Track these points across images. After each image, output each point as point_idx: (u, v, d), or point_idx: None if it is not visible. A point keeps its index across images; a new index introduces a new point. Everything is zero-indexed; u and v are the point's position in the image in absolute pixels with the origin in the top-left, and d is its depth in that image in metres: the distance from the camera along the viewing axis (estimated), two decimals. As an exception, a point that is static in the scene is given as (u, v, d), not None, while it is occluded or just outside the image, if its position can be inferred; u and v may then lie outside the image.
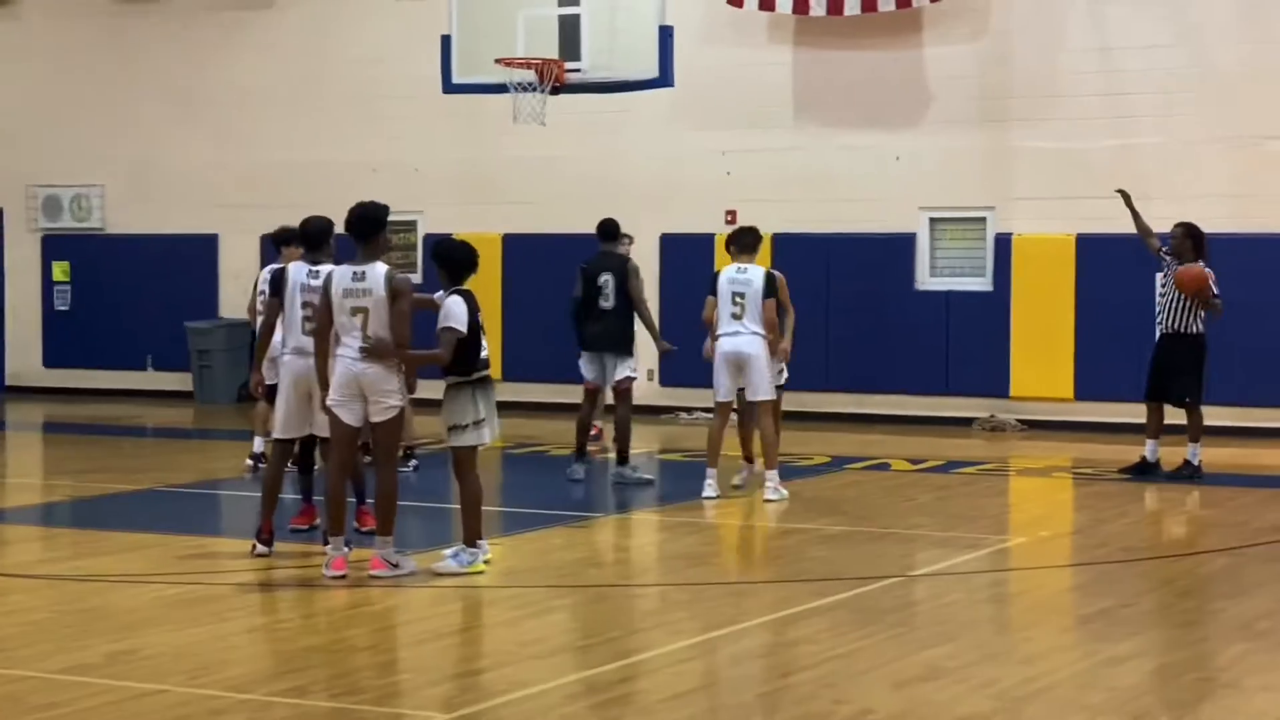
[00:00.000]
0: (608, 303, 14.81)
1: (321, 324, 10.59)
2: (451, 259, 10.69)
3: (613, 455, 15.12)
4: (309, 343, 10.97)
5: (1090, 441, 18.07)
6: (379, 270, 10.43)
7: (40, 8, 23.76)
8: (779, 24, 20.13)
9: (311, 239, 11.42)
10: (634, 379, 15.05)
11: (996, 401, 19.42)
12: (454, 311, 10.40)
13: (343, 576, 10.37)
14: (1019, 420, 19.24)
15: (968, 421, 19.38)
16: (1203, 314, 15.12)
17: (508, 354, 21.16)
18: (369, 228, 10.56)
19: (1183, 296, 15.02)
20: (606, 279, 14.83)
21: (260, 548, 11.13)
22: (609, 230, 15.13)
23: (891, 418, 19.68)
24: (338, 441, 10.54)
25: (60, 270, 23.77)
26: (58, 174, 23.61)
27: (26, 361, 23.87)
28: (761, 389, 13.65)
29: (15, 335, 23.98)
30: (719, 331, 13.72)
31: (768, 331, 13.66)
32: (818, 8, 19.61)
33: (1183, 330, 15.13)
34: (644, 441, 18.37)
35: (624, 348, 14.93)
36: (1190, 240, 15.19)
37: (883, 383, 19.87)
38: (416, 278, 21.69)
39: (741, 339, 13.61)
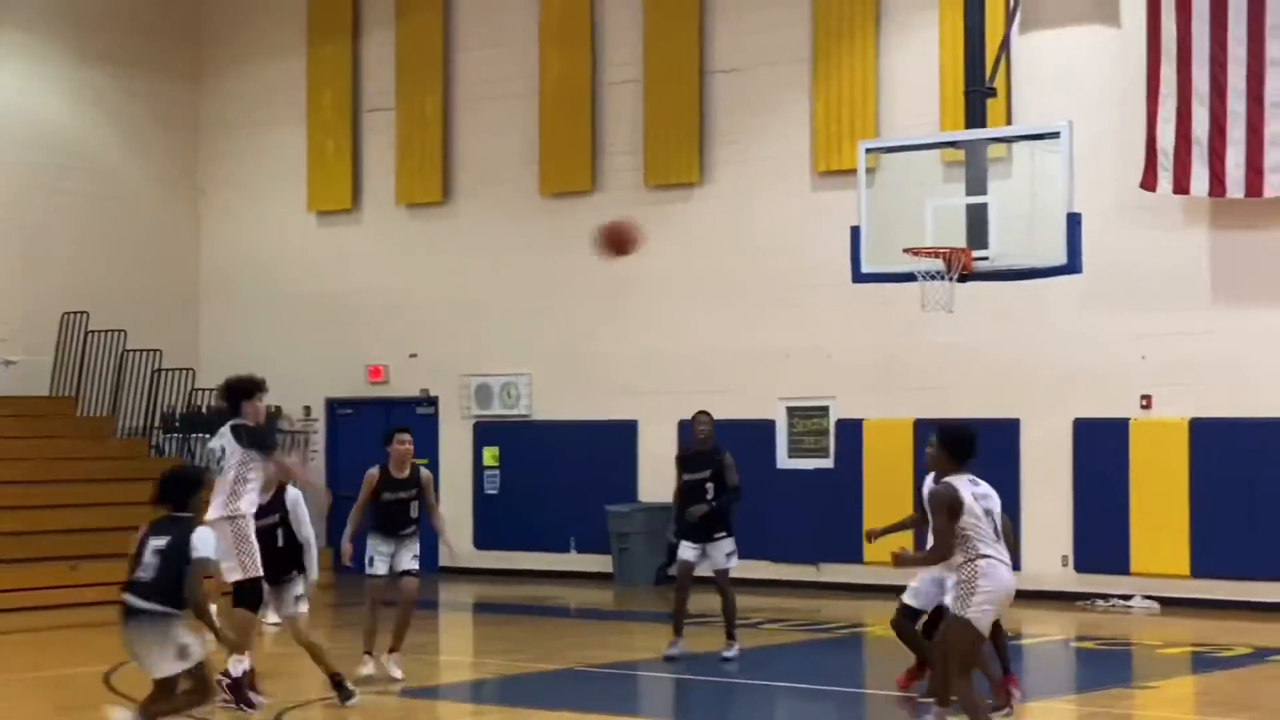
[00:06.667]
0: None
1: None
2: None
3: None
4: None
5: None
6: None
7: (475, 205, 25.11)
8: (1193, 206, 19.92)
9: None
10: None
11: None
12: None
13: None
14: None
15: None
16: None
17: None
18: None
19: None
20: None
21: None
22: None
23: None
24: None
25: (490, 455, 24.83)
26: (489, 363, 24.77)
27: (459, 543, 24.87)
28: None
29: (448, 517, 25.02)
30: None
31: None
32: (1235, 190, 19.33)
33: None
34: (1060, 628, 18.15)
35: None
36: None
37: (1311, 571, 19.17)
38: (828, 463, 22.08)
39: None
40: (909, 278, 16.45)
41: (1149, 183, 19.72)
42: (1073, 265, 15.94)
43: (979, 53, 17.25)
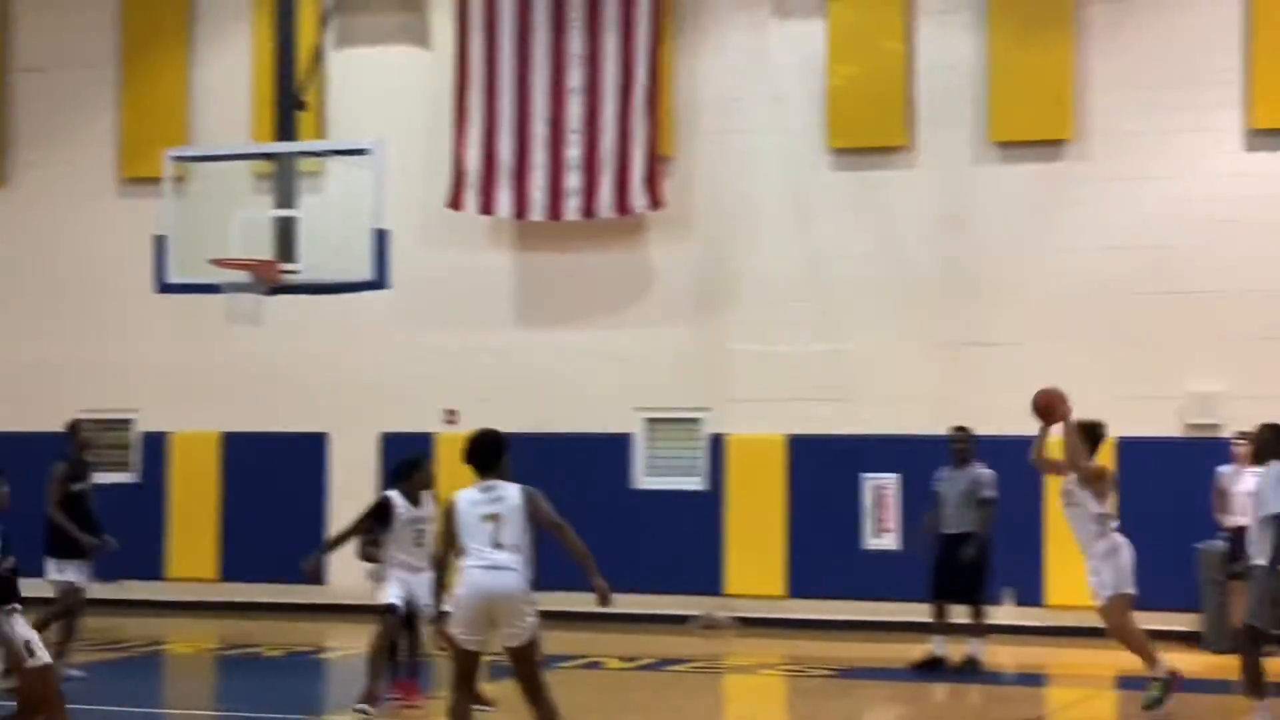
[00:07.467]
0: None
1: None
2: None
3: None
4: None
5: (801, 639, 18.42)
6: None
7: None
8: (498, 227, 20.53)
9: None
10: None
11: (712, 599, 19.72)
12: None
13: None
14: (735, 617, 19.54)
15: (683, 619, 19.61)
16: None
17: (227, 553, 21.02)
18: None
19: None
20: None
21: None
22: None
23: (608, 616, 19.67)
24: None
25: None
26: None
27: None
28: None
29: None
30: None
31: None
32: (537, 212, 20.06)
33: None
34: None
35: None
36: None
37: (599, 581, 20.01)
38: (131, 477, 21.48)
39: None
40: (215, 289, 16.23)
41: (457, 203, 20.22)
42: (380, 281, 16.06)
43: (291, 65, 17.20)
